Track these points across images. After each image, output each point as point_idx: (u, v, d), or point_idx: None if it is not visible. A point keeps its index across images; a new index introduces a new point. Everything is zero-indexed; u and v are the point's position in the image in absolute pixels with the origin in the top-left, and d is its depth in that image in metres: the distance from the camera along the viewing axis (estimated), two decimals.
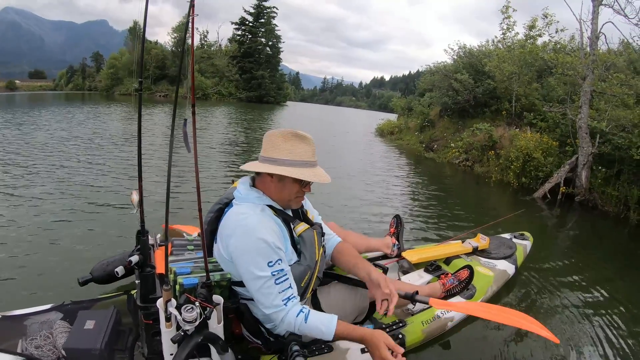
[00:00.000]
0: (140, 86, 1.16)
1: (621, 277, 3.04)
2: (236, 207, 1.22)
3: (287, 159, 1.18)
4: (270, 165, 1.18)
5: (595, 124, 5.31)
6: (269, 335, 1.30)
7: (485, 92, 8.75)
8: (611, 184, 5.21)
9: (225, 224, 1.22)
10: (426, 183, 6.32)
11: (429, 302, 1.44)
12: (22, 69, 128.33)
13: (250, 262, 1.13)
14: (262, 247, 1.13)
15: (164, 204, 1.20)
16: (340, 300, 1.44)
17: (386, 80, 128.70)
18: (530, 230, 2.83)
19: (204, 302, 1.16)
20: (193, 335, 1.13)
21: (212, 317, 1.18)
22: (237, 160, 6.36)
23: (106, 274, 1.62)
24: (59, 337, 1.26)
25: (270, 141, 1.20)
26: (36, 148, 5.16)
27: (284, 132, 1.20)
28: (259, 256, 1.12)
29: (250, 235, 1.13)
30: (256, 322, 1.31)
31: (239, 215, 1.18)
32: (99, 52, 40.21)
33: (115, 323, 1.31)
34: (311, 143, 1.22)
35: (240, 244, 1.15)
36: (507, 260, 2.28)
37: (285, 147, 1.18)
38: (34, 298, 1.66)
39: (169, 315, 1.14)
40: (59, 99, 20.33)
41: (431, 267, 2.07)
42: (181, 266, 1.29)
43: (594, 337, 1.99)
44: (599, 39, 5.74)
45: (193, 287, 1.23)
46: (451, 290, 1.81)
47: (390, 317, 1.58)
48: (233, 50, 34.46)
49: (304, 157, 1.19)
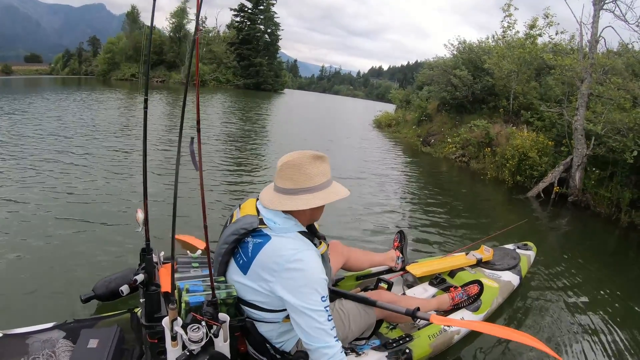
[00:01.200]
0: (146, 104, 1.12)
1: (613, 279, 3.07)
2: (278, 239, 1.16)
3: (320, 182, 1.19)
4: (318, 194, 1.18)
5: (591, 126, 5.30)
6: (275, 352, 1.29)
7: (484, 88, 8.69)
8: (604, 186, 5.24)
9: (270, 258, 1.14)
10: (422, 180, 6.31)
11: (430, 319, 1.42)
12: (18, 53, 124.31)
13: (308, 297, 1.11)
14: (321, 283, 1.12)
15: (165, 219, 1.15)
16: (345, 317, 1.42)
17: (384, 70, 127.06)
18: (529, 234, 2.84)
19: (211, 320, 1.14)
20: (199, 354, 1.11)
21: (219, 336, 1.15)
22: (236, 155, 6.28)
23: (109, 291, 1.58)
24: (62, 356, 1.23)
25: (303, 173, 1.18)
26: (28, 152, 4.69)
27: (311, 159, 1.18)
28: (317, 292, 1.11)
29: (309, 271, 1.11)
30: (262, 340, 1.29)
31: (288, 250, 1.13)
32: (96, 37, 39.13)
33: (119, 342, 1.29)
34: (327, 160, 1.24)
35: (299, 279, 1.11)
36: (511, 271, 2.26)
37: (318, 173, 1.19)
38: (35, 316, 1.60)
39: (175, 334, 1.12)
40: (55, 84, 19.80)
41: (436, 280, 2.05)
42: (194, 284, 1.25)
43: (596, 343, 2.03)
44: (598, 43, 5.70)
45: (199, 305, 1.20)
46: (459, 304, 1.79)
47: (397, 332, 1.59)
48: (231, 37, 33.67)
49: (329, 176, 1.22)
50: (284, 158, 1.20)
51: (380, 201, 4.46)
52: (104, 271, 2.01)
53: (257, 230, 1.19)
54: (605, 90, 5.46)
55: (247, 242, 1.20)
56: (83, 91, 15.24)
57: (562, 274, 2.94)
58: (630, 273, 3.41)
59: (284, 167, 1.19)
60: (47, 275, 2.06)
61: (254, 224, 1.19)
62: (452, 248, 3.27)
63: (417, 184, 6.01)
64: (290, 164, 1.18)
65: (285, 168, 1.18)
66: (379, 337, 1.53)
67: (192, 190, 3.63)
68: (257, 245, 1.17)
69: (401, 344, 1.50)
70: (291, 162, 1.18)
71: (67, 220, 2.83)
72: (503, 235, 3.06)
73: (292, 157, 1.18)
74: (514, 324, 2.10)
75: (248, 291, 1.21)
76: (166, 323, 1.11)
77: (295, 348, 1.30)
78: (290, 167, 1.18)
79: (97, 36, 39.38)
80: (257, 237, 1.18)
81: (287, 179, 1.18)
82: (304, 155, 1.18)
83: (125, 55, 28.22)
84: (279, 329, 1.26)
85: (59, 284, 1.98)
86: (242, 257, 1.21)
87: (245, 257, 1.19)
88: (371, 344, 1.50)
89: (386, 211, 4.09)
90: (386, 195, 4.85)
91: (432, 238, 3.44)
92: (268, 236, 1.17)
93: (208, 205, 1.46)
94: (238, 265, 1.22)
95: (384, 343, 1.50)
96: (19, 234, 2.50)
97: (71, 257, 2.28)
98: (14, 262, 2.16)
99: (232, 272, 1.25)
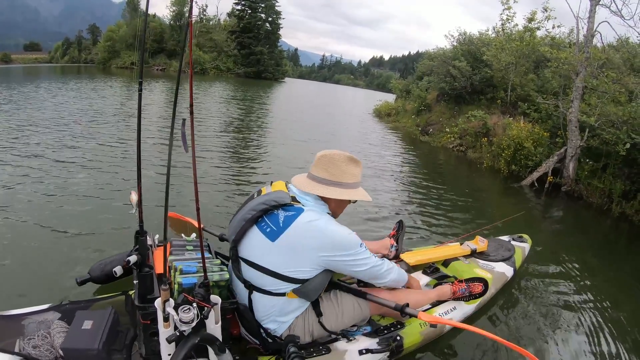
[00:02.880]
0: (140, 86, 1.09)
1: (604, 268, 3.10)
2: (311, 212, 1.26)
3: (351, 182, 1.32)
4: (348, 191, 1.31)
5: (584, 118, 5.30)
6: (267, 335, 1.30)
7: (482, 80, 8.62)
8: (597, 177, 5.25)
9: (305, 226, 1.23)
10: (420, 168, 6.30)
11: (418, 316, 1.40)
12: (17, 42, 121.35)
13: (351, 248, 1.26)
14: (352, 238, 1.27)
15: (160, 199, 1.13)
16: (339, 310, 1.41)
17: (385, 60, 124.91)
18: (522, 222, 2.83)
19: (202, 301, 1.13)
20: (190, 336, 1.10)
21: (210, 317, 1.15)
22: (234, 144, 6.22)
23: (104, 274, 1.58)
24: (57, 337, 1.22)
25: (338, 167, 1.30)
26: (27, 136, 4.72)
27: (348, 160, 1.32)
28: (352, 244, 1.26)
29: (340, 232, 1.25)
30: (255, 323, 1.29)
31: (321, 220, 1.24)
32: (95, 25, 38.26)
33: (113, 323, 1.28)
34: (361, 165, 1.36)
35: (334, 239, 1.24)
36: (505, 263, 2.22)
37: (352, 173, 1.32)
38: (31, 298, 1.60)
39: (167, 315, 1.11)
40: (55, 72, 19.48)
41: (429, 269, 2.03)
42: (187, 265, 1.25)
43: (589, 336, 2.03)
44: (594, 37, 5.66)
45: (191, 287, 1.19)
46: (459, 298, 1.77)
47: (388, 319, 1.57)
48: (232, 25, 33.07)
49: (358, 179, 1.34)
50: (325, 151, 1.33)
51: (376, 187, 4.45)
52: (101, 254, 2.00)
53: (289, 205, 1.26)
54: (600, 83, 5.46)
55: (277, 214, 1.25)
56: (83, 79, 15.03)
57: (554, 260, 2.95)
58: (622, 262, 3.42)
59: (323, 158, 1.31)
60: (43, 258, 2.05)
61: (286, 199, 1.27)
62: (445, 233, 3.29)
63: (414, 171, 6.00)
64: (329, 156, 1.30)
65: (323, 159, 1.31)
66: (370, 324, 1.51)
67: (187, 174, 3.62)
68: (289, 217, 1.23)
69: (392, 331, 1.49)
70: (330, 155, 1.30)
71: (64, 202, 2.81)
72: (498, 225, 3.05)
73: (332, 152, 1.32)
74: (504, 315, 2.07)
75: (273, 257, 1.24)
76: (158, 304, 1.11)
77: (288, 332, 1.30)
78: (328, 159, 1.30)
79: (96, 24, 38.49)
80: (289, 210, 1.25)
81: (322, 169, 1.30)
82: (342, 153, 1.32)
83: (125, 43, 27.70)
84: (281, 305, 1.27)
85: (55, 267, 1.97)
86: (270, 225, 1.26)
87: (275, 226, 1.24)
88: (362, 330, 1.49)
89: (382, 197, 4.09)
90: (382, 181, 4.84)
91: (425, 225, 3.44)
92: (301, 209, 1.25)
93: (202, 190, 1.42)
94: (264, 232, 1.26)
95: (375, 329, 1.49)
96: (15, 217, 2.48)
97: (67, 240, 2.26)
98: (10, 245, 2.14)
99: (254, 238, 1.28)
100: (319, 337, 1.37)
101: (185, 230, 1.95)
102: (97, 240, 2.29)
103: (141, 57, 1.16)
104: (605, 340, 2.00)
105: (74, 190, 3.07)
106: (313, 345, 1.33)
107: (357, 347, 1.36)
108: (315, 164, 1.32)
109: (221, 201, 3.28)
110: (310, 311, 1.34)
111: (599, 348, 1.93)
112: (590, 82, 5.63)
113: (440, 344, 1.72)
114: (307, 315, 1.33)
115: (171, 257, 1.31)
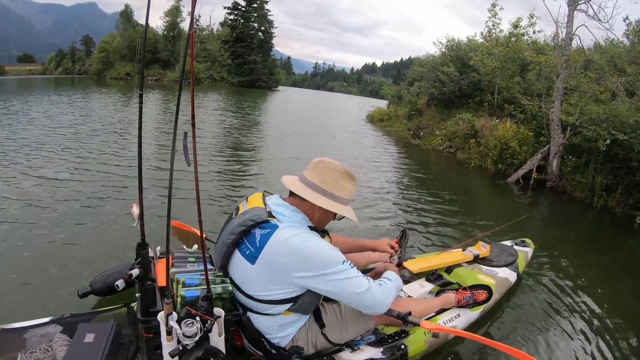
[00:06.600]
0: (141, 99, 1.07)
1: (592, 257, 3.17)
2: (286, 227, 1.16)
3: (343, 197, 1.24)
4: (337, 204, 1.22)
5: (565, 117, 5.44)
6: (271, 347, 1.26)
7: (470, 84, 8.76)
8: (579, 172, 5.38)
9: (280, 245, 1.14)
10: (411, 170, 6.33)
11: (420, 325, 1.35)
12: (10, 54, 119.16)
13: (329, 266, 1.15)
14: (333, 254, 1.16)
15: (160, 209, 1.11)
16: (342, 319, 1.37)
17: (378, 67, 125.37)
18: (512, 218, 2.83)
19: (205, 315, 1.11)
20: (193, 349, 1.08)
21: (213, 330, 1.13)
22: (231, 153, 6.18)
23: (106, 286, 1.54)
24: (59, 350, 1.18)
25: (332, 177, 1.23)
26: (24, 150, 4.51)
27: (344, 173, 1.25)
28: (332, 261, 1.15)
29: (318, 248, 1.15)
30: (258, 334, 1.26)
31: (297, 236, 1.14)
32: (89, 36, 37.81)
33: (115, 336, 1.24)
34: (356, 183, 1.29)
35: (312, 258, 1.14)
36: (508, 268, 2.17)
37: (346, 188, 1.24)
38: (33, 311, 1.55)
39: (170, 328, 1.09)
40: (49, 84, 19.14)
41: (432, 276, 1.98)
42: (190, 277, 1.22)
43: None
44: (572, 40, 5.84)
45: (194, 300, 1.17)
46: (464, 306, 1.73)
47: (392, 328, 1.53)
48: (225, 35, 32.94)
49: (350, 196, 1.27)
50: (323, 158, 1.27)
51: (370, 190, 4.46)
52: (102, 267, 1.95)
53: (265, 222, 1.18)
54: (579, 83, 5.62)
55: (254, 233, 1.18)
56: (77, 90, 14.80)
57: (550, 257, 2.97)
58: (608, 252, 3.52)
59: (320, 163, 1.24)
60: (44, 271, 2.00)
61: (262, 215, 1.18)
62: (438, 233, 3.27)
63: (406, 173, 6.04)
64: (326, 163, 1.24)
65: (320, 165, 1.24)
66: (374, 333, 1.47)
67: (188, 187, 3.56)
68: (264, 236, 1.16)
69: (396, 340, 1.45)
70: (327, 163, 1.24)
71: (65, 215, 2.74)
72: (495, 229, 3.03)
73: (331, 161, 1.26)
74: (507, 320, 2.04)
75: (254, 281, 1.19)
76: (161, 317, 1.08)
77: (291, 343, 1.27)
78: (325, 166, 1.23)
79: (89, 35, 38.03)
80: (264, 228, 1.17)
81: (317, 175, 1.22)
82: (340, 165, 1.25)
83: (119, 54, 27.42)
84: (279, 322, 1.23)
85: (56, 279, 1.92)
86: (249, 247, 1.18)
87: (253, 248, 1.17)
88: (366, 339, 1.45)
89: (375, 199, 4.09)
90: (376, 184, 4.85)
91: (420, 227, 3.44)
92: (276, 225, 1.17)
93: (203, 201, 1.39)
94: (244, 255, 1.19)
95: (380, 339, 1.45)
96: (17, 230, 2.42)
97: (69, 253, 2.21)
98: (11, 257, 2.09)
99: (237, 263, 1.23)
100: (323, 349, 1.32)
101: (187, 240, 1.91)
102: (98, 252, 2.24)
103: (142, 70, 1.15)
104: (607, 344, 1.96)
105: (75, 202, 3.00)
106: (317, 356, 1.30)
107: (362, 357, 1.33)
108: (310, 169, 1.24)
109: (224, 209, 3.24)
110: (312, 323, 1.30)
111: (607, 352, 1.89)
112: (570, 82, 5.79)
113: (445, 352, 1.67)
114: (310, 328, 1.29)
115: (173, 269, 1.28)
